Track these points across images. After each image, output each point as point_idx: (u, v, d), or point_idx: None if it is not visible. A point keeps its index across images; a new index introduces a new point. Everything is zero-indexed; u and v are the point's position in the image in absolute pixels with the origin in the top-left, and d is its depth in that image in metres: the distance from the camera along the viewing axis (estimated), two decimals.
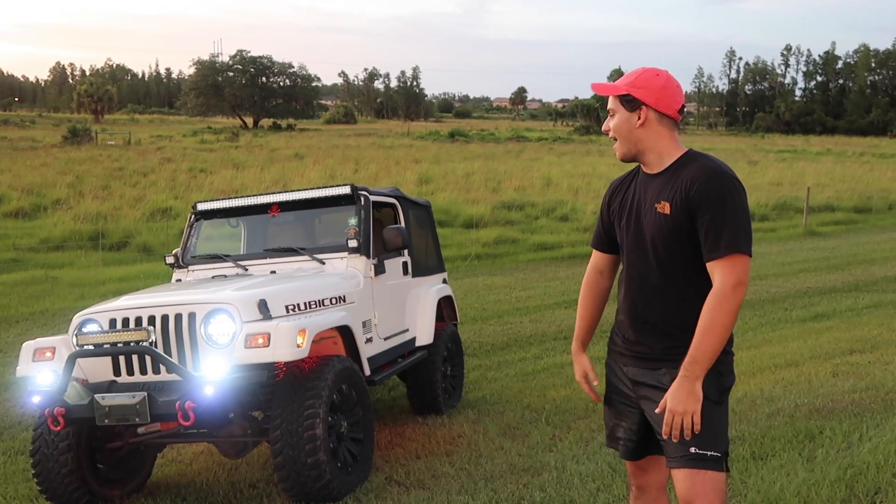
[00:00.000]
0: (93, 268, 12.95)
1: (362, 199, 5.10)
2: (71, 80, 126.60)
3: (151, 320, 3.97)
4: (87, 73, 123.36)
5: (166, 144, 39.21)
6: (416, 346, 5.59)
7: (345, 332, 4.49)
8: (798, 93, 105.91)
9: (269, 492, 4.25)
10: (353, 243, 4.89)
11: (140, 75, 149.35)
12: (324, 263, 4.94)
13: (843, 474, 3.72)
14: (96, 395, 3.77)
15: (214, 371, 3.77)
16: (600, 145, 46.94)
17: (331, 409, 4.02)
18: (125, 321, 4.02)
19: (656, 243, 2.28)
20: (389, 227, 5.01)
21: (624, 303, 2.41)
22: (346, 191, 5.12)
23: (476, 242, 15.28)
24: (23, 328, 8.96)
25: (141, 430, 4.16)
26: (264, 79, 75.81)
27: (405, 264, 5.56)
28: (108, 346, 3.85)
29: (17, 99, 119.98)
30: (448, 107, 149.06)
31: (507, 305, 10.04)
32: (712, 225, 2.16)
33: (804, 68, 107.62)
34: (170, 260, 5.30)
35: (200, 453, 5.07)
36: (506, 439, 4.94)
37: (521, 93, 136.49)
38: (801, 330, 8.19)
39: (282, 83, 77.14)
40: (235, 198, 5.48)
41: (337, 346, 4.53)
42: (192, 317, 3.95)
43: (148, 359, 3.96)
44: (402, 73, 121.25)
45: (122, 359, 4.00)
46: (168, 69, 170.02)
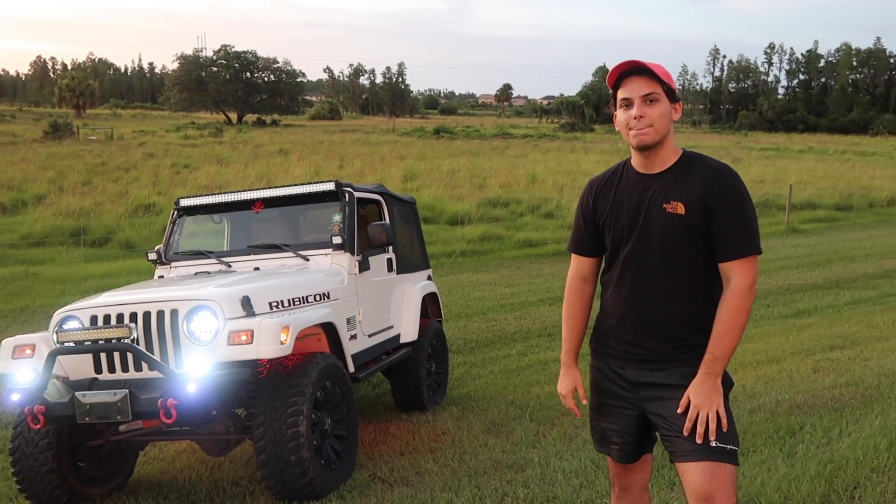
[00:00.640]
0: (74, 264, 12.82)
1: (347, 195, 5.09)
2: (52, 75, 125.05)
3: (133, 317, 3.94)
4: (69, 68, 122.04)
5: (149, 140, 38.87)
6: (400, 343, 5.59)
7: (329, 328, 4.48)
8: (781, 91, 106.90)
9: (252, 489, 4.23)
10: (337, 240, 4.87)
11: (123, 70, 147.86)
12: (308, 260, 4.92)
13: (822, 469, 3.76)
14: (77, 393, 3.73)
15: (197, 368, 3.75)
16: (585, 142, 47.10)
17: (314, 406, 4.01)
18: (107, 318, 3.98)
19: (668, 244, 2.24)
20: (374, 223, 5.00)
21: (621, 305, 2.34)
22: (331, 187, 5.10)
23: (461, 239, 15.28)
24: (2, 325, 8.85)
25: (122, 427, 4.14)
26: (248, 74, 75.37)
27: (390, 261, 5.55)
28: (90, 343, 3.81)
29: None
30: (433, 103, 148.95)
31: (491, 302, 10.05)
32: (732, 226, 2.18)
33: (787, 67, 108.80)
34: (152, 256, 5.25)
35: (183, 451, 5.04)
36: (490, 436, 4.95)
37: (506, 90, 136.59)
38: (782, 326, 8.27)
39: (266, 78, 76.70)
40: (219, 194, 5.45)
41: (321, 343, 4.51)
42: (174, 313, 3.92)
43: (130, 356, 3.93)
44: (388, 69, 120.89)
45: (103, 356, 3.97)
46: (151, 64, 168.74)
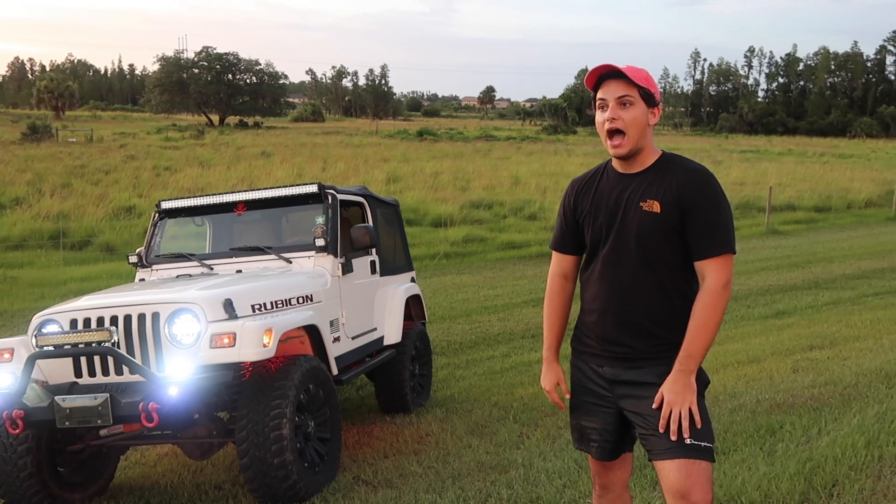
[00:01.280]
0: (53, 267, 12.67)
1: (329, 197, 5.08)
2: (30, 76, 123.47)
3: (114, 320, 3.91)
4: (48, 69, 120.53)
5: (130, 142, 38.51)
6: (384, 345, 5.58)
7: (312, 331, 4.47)
8: (761, 94, 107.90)
9: (234, 493, 4.21)
10: (320, 242, 4.86)
11: (102, 71, 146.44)
12: (291, 262, 4.90)
13: (802, 468, 3.80)
14: (57, 398, 3.70)
15: (179, 371, 3.72)
16: (568, 144, 47.31)
17: (298, 408, 4.00)
18: (87, 321, 3.95)
19: (643, 242, 2.28)
20: (357, 225, 5.00)
21: (600, 303, 2.37)
22: (314, 189, 5.09)
23: (444, 241, 15.29)
24: None
25: (103, 432, 4.09)
26: (230, 76, 74.88)
27: (373, 263, 5.55)
28: (69, 346, 3.77)
29: None
30: (417, 105, 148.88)
31: (475, 304, 10.07)
32: (706, 225, 2.22)
33: (767, 70, 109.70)
34: (133, 259, 5.21)
35: (165, 455, 5.01)
36: (474, 437, 4.96)
37: (489, 92, 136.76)
38: (762, 327, 8.35)
39: (248, 80, 76.27)
40: (200, 196, 5.41)
41: (304, 346, 4.50)
42: (155, 317, 3.90)
43: (110, 360, 3.90)
44: (371, 71, 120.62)
45: (83, 360, 3.93)
46: (132, 65, 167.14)
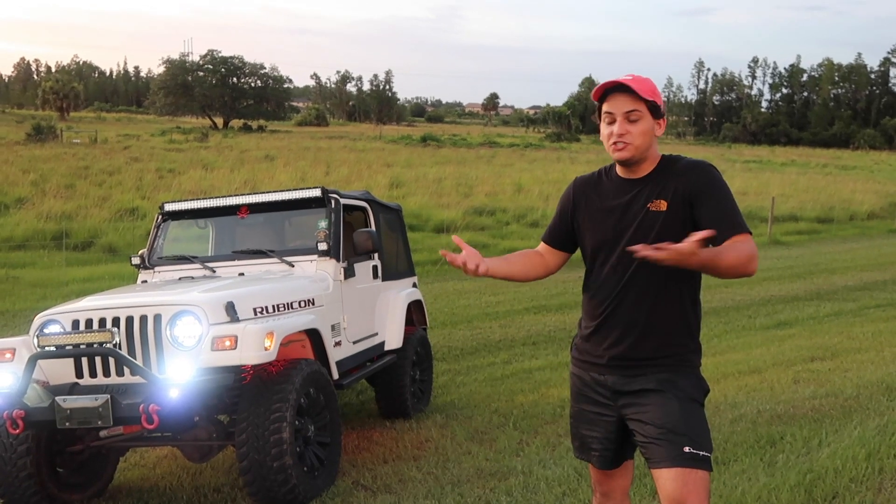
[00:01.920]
0: (56, 268, 12.69)
1: (333, 201, 5.09)
2: (36, 77, 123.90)
3: (116, 321, 3.91)
4: (53, 70, 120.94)
5: (134, 144, 38.59)
6: (385, 351, 5.58)
7: (313, 335, 4.47)
8: (764, 104, 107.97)
9: (234, 496, 4.21)
10: (322, 246, 4.86)
11: (108, 73, 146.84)
12: (293, 266, 4.91)
13: (802, 479, 3.79)
14: (57, 398, 3.70)
15: (180, 373, 3.72)
16: (571, 152, 47.34)
17: (298, 412, 3.99)
18: (88, 322, 3.95)
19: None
20: (360, 230, 5.00)
21: (605, 309, 2.35)
22: (317, 193, 5.09)
23: (447, 247, 15.29)
24: None
25: (103, 433, 4.09)
26: (235, 79, 75.03)
27: (375, 268, 5.55)
28: (71, 347, 3.78)
29: None
30: (420, 111, 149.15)
31: (476, 310, 10.07)
32: (718, 209, 2.23)
33: (770, 80, 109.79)
34: (136, 261, 5.22)
35: (164, 457, 5.00)
36: (473, 444, 4.95)
37: (493, 98, 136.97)
38: (764, 337, 8.34)
39: (253, 84, 76.42)
40: (204, 198, 5.42)
41: (305, 350, 4.50)
42: (157, 318, 3.90)
43: (111, 361, 3.90)
44: (375, 76, 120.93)
45: (84, 361, 3.93)
46: (136, 67, 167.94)
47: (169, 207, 5.41)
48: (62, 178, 22.05)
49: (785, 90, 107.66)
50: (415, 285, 6.34)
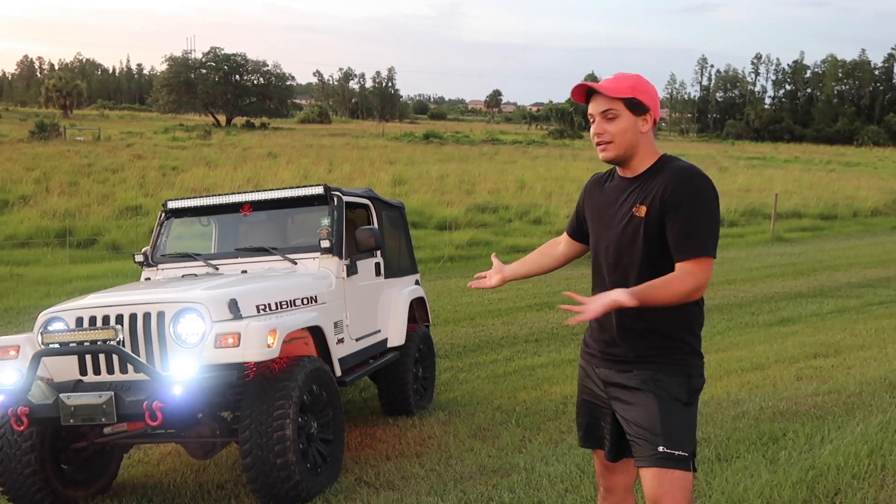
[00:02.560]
0: (59, 265, 12.73)
1: (335, 199, 5.09)
2: (39, 75, 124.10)
3: (119, 319, 3.93)
4: (56, 68, 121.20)
5: (137, 141, 38.64)
6: (387, 348, 5.59)
7: (316, 332, 4.48)
8: (767, 101, 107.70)
9: (237, 493, 4.22)
10: (325, 244, 4.87)
11: (111, 70, 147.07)
12: (296, 263, 4.92)
13: (804, 476, 3.79)
14: (61, 395, 3.71)
15: (183, 371, 3.74)
16: (574, 149, 47.28)
17: (301, 409, 4.01)
18: (92, 319, 3.97)
19: (634, 246, 2.29)
20: (362, 227, 5.01)
21: None
22: (319, 191, 5.10)
23: (449, 244, 15.31)
24: None
25: (107, 430, 4.11)
26: (238, 77, 75.06)
27: (378, 265, 5.56)
28: (75, 344, 3.79)
29: None
30: (423, 108, 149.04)
31: (479, 307, 10.07)
32: (683, 227, 2.20)
33: (773, 77, 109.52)
34: (139, 258, 5.24)
35: (168, 454, 5.02)
36: (476, 441, 4.96)
37: (495, 96, 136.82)
38: (767, 334, 8.33)
39: (256, 81, 76.43)
40: (207, 196, 5.43)
41: (308, 347, 4.51)
42: (161, 316, 3.91)
43: (115, 358, 3.92)
44: (378, 73, 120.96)
45: (88, 358, 3.95)
46: (140, 65, 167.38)
47: (172, 205, 5.42)
48: (65, 176, 22.09)
49: (788, 87, 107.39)
50: (417, 283, 6.35)
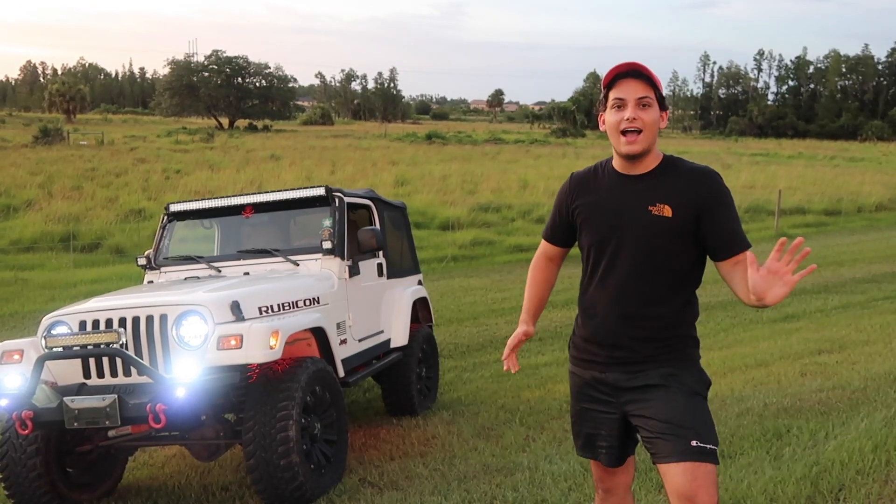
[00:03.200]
0: (64, 269, 12.77)
1: (337, 200, 5.10)
2: (42, 79, 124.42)
3: (122, 322, 3.94)
4: (59, 72, 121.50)
5: (140, 145, 38.75)
6: (390, 348, 5.60)
7: (318, 333, 4.49)
8: (770, 97, 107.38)
9: (241, 494, 4.24)
10: (327, 245, 4.88)
11: (113, 75, 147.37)
12: (298, 265, 4.93)
13: (808, 472, 3.78)
14: (65, 398, 3.73)
15: (186, 373, 3.75)
16: (577, 147, 47.23)
17: (304, 410, 4.02)
18: (95, 323, 3.98)
19: (653, 245, 2.25)
20: (364, 228, 5.01)
21: (603, 307, 2.33)
22: (321, 192, 5.11)
23: (452, 244, 15.31)
24: None
25: (111, 433, 4.12)
26: (240, 79, 75.27)
27: (380, 266, 5.57)
28: (78, 348, 3.80)
29: None
30: (425, 108, 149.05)
31: (483, 307, 10.08)
32: (725, 225, 2.24)
33: (776, 73, 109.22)
34: (142, 261, 5.25)
35: (173, 456, 5.03)
36: (480, 440, 4.96)
37: (498, 95, 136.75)
38: (771, 330, 8.31)
39: (258, 84, 76.65)
40: (209, 199, 5.45)
41: (311, 348, 4.52)
42: (163, 318, 3.92)
43: (118, 361, 3.93)
44: (380, 74, 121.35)
45: (92, 361, 3.96)
46: (142, 69, 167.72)
47: (174, 208, 5.44)
48: (69, 180, 22.16)
49: (791, 82, 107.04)
50: (420, 283, 6.35)
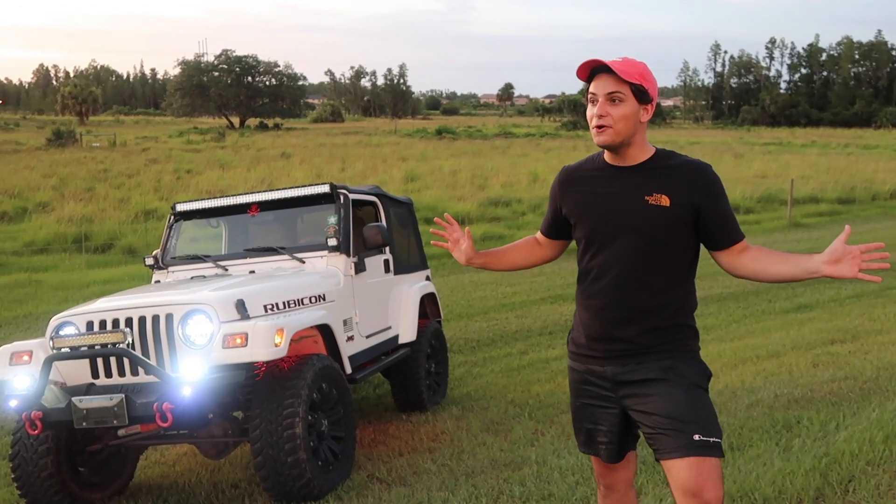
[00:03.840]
0: (77, 270, 12.88)
1: (341, 197, 5.11)
2: (55, 82, 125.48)
3: (129, 322, 3.96)
4: (71, 75, 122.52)
5: (152, 145, 39.02)
6: (398, 344, 5.60)
7: (325, 330, 4.49)
8: (783, 85, 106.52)
9: (251, 491, 4.26)
10: (332, 242, 4.89)
11: (125, 76, 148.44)
12: (304, 262, 4.94)
13: (818, 463, 3.75)
14: (74, 398, 3.76)
15: (192, 372, 3.77)
16: (587, 140, 47.04)
17: (311, 407, 4.03)
18: (102, 323, 4.01)
19: (651, 235, 2.24)
20: (369, 225, 5.02)
21: (601, 299, 2.30)
22: (326, 189, 5.12)
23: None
24: (5, 332, 8.89)
25: (121, 432, 4.15)
26: (250, 78, 75.56)
27: (387, 262, 5.57)
28: (86, 348, 3.84)
29: (0, 102, 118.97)
30: (435, 104, 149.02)
31: (492, 301, 10.06)
32: (722, 216, 2.28)
33: (788, 61, 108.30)
34: (149, 261, 5.29)
35: (184, 455, 5.07)
36: (488, 435, 4.96)
37: (507, 89, 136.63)
38: (783, 321, 8.25)
39: (268, 82, 76.91)
40: (215, 198, 5.47)
41: (317, 345, 4.53)
42: (169, 318, 3.95)
43: (126, 361, 3.96)
44: (389, 70, 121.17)
45: (99, 361, 3.99)
46: (153, 70, 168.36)
47: (181, 208, 5.46)
48: (82, 182, 22.37)
49: (804, 70, 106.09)
50: (428, 278, 6.35)
